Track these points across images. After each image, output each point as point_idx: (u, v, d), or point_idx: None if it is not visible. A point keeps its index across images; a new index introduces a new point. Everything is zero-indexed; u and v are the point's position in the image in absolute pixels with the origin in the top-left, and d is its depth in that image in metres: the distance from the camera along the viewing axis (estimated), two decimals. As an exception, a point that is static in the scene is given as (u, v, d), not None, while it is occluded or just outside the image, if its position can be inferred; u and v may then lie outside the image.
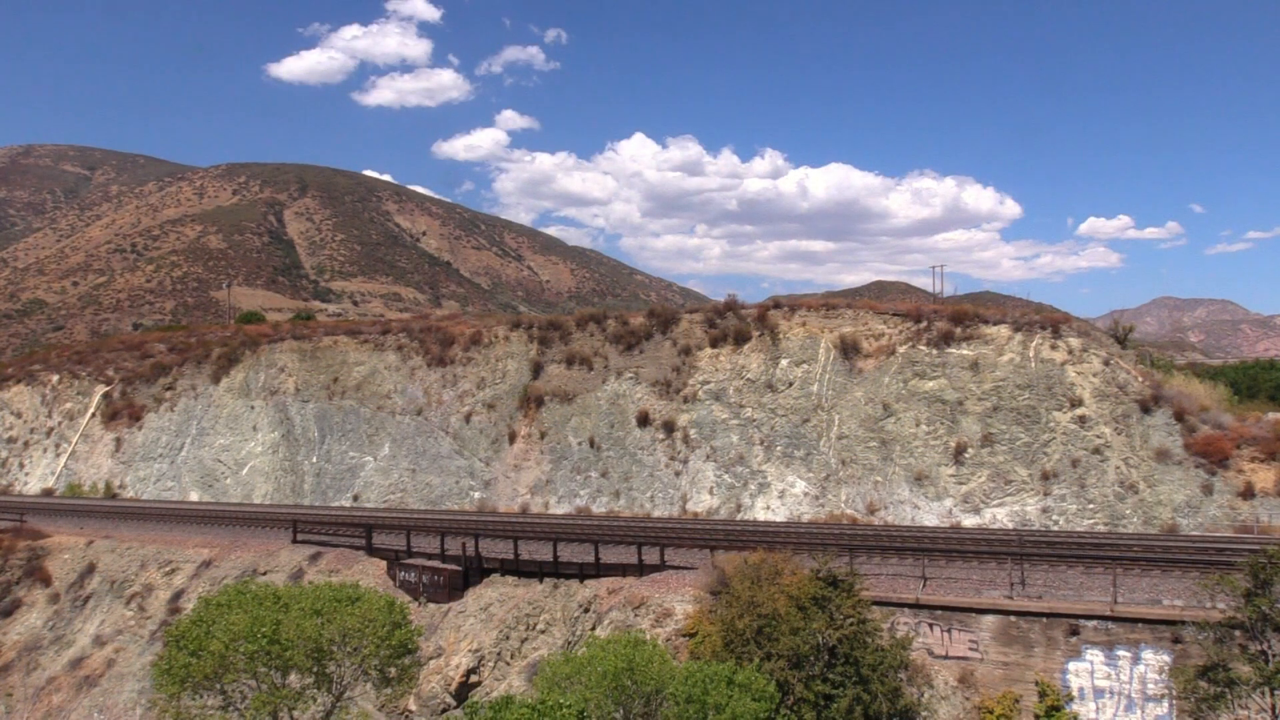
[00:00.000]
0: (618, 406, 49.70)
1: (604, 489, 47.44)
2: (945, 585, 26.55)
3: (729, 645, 22.96)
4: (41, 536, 47.33)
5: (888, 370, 44.26)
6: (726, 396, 47.17)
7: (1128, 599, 23.75)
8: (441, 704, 30.00)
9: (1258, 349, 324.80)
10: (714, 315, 50.51)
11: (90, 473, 66.20)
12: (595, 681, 19.04)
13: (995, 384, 41.66)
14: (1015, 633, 24.04)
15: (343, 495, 55.12)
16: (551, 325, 55.42)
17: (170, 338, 74.63)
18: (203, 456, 61.94)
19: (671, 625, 27.17)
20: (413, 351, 58.19)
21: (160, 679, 22.18)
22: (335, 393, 59.06)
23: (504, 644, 30.49)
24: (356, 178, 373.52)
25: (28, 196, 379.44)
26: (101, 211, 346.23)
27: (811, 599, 22.37)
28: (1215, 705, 19.15)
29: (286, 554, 39.20)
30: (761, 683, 19.99)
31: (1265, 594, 19.20)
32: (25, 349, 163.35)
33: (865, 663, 21.59)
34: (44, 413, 72.25)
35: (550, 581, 31.90)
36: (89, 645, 39.94)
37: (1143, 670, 22.46)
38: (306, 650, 21.79)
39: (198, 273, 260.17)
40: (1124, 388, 39.46)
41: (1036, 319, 44.03)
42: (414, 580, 34.57)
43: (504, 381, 54.10)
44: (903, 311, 46.80)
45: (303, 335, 64.34)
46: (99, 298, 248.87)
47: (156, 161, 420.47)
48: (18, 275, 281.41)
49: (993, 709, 22.99)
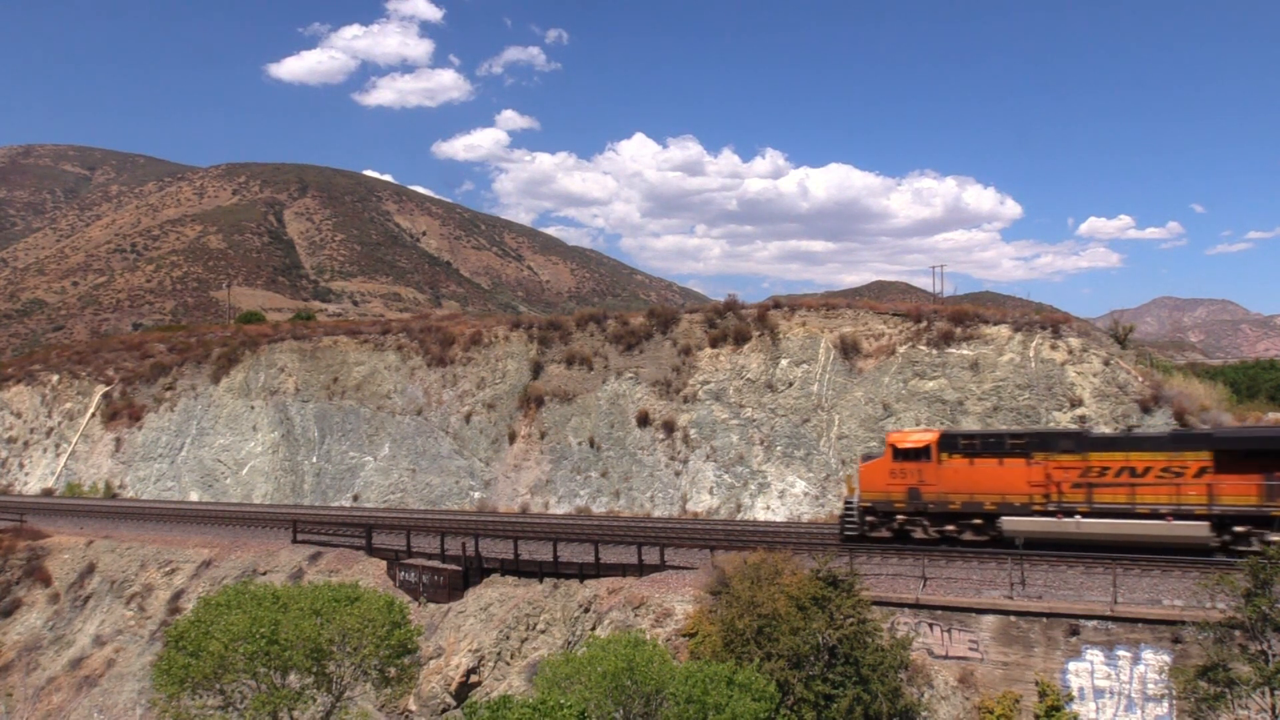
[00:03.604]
0: (618, 406, 49.69)
1: (604, 489, 47.44)
2: (945, 585, 26.56)
3: (729, 645, 22.95)
4: (41, 536, 47.33)
5: (888, 370, 44.25)
6: (726, 396, 47.17)
7: (1128, 599, 23.75)
8: (441, 704, 29.99)
9: (1258, 349, 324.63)
10: (714, 315, 50.50)
11: (90, 473, 66.19)
12: (595, 681, 19.04)
13: (995, 384, 41.65)
14: (1015, 633, 24.04)
15: (343, 495, 55.12)
16: (551, 325, 55.41)
17: (170, 338, 74.60)
18: (203, 456, 61.94)
19: (671, 625, 27.17)
20: (413, 351, 58.17)
21: (160, 679, 22.19)
22: (335, 393, 59.06)
23: (504, 644, 30.49)
24: (356, 178, 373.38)
25: (28, 196, 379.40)
26: (101, 211, 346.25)
27: (811, 599, 22.36)
28: (1215, 705, 19.14)
29: (286, 554, 39.20)
30: (761, 683, 19.98)
31: (1265, 594, 19.20)
32: (25, 349, 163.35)
33: (865, 663, 21.58)
34: (44, 413, 72.24)
35: (550, 581, 31.91)
36: (89, 645, 39.94)
37: (1143, 670, 22.45)
38: (306, 650, 21.79)
39: (198, 273, 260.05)
40: (1124, 388, 39.45)
41: (1036, 319, 44.02)
42: (414, 580, 34.57)
43: (504, 381, 54.09)
44: (903, 311, 46.79)
45: (303, 335, 64.32)
46: (99, 298, 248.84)
47: (156, 161, 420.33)
48: (18, 275, 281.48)
49: (993, 709, 22.98)
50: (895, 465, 32.63)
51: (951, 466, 31.70)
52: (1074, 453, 30.11)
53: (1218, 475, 27.97)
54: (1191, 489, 28.22)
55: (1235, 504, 27.65)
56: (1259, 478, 27.46)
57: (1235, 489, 27.68)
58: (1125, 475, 29.27)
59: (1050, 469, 30.16)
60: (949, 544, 31.49)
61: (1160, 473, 28.85)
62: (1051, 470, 30.12)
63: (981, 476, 31.20)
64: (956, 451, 31.80)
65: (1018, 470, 30.60)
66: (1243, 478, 27.66)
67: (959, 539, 31.57)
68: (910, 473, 32.27)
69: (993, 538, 30.86)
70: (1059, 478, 29.99)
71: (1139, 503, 28.90)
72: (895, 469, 32.63)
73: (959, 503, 31.52)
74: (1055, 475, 30.03)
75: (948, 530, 31.92)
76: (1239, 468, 27.79)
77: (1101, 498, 29.44)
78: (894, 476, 32.63)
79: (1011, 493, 30.64)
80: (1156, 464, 29.00)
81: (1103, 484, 29.46)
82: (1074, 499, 29.76)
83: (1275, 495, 27.08)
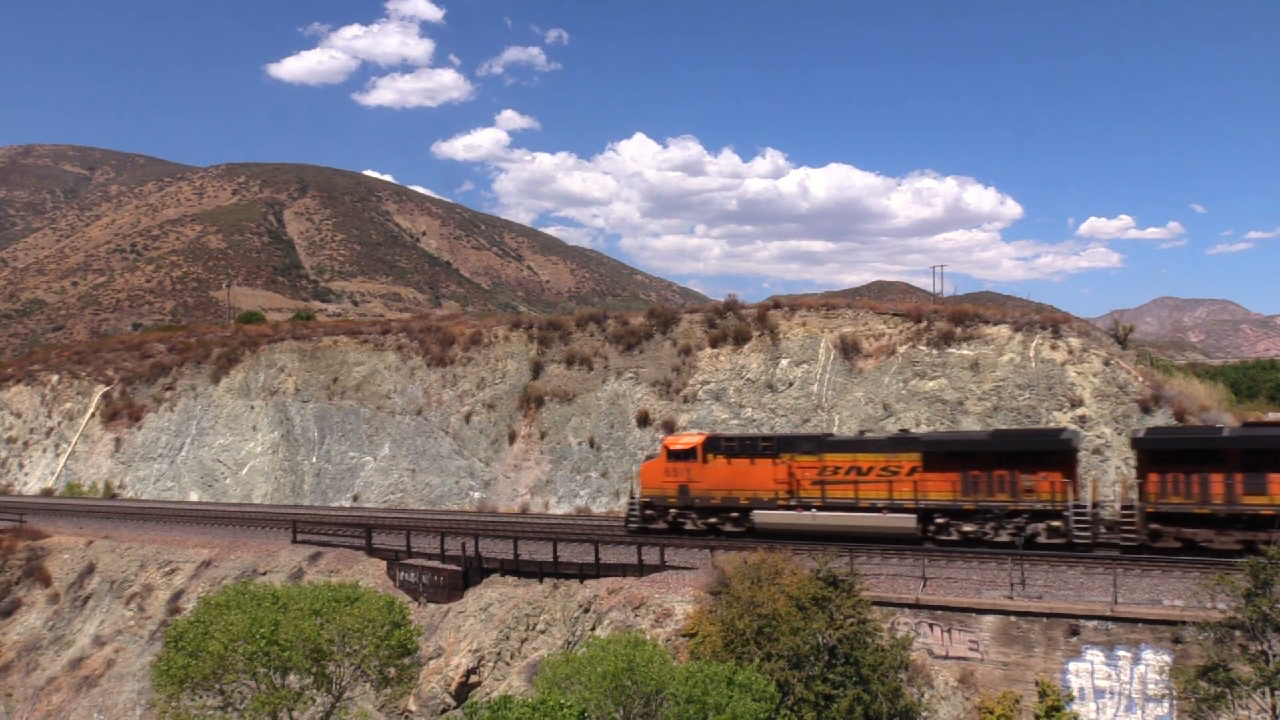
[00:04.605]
0: (618, 406, 49.69)
1: (604, 489, 47.43)
2: (945, 585, 26.54)
3: (729, 645, 22.93)
4: (41, 536, 47.31)
5: (888, 370, 44.24)
6: (726, 396, 47.16)
7: (1128, 599, 23.73)
8: (441, 704, 29.98)
9: (1258, 349, 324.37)
10: (714, 315, 50.49)
11: (90, 473, 66.19)
12: (595, 681, 19.02)
13: (995, 384, 41.64)
14: (1015, 633, 24.02)
15: (343, 495, 55.11)
16: (551, 325, 55.41)
17: (170, 338, 74.59)
18: (202, 456, 61.93)
19: (671, 625, 27.16)
20: (413, 351, 58.17)
21: (159, 680, 22.17)
22: (335, 393, 59.05)
23: (504, 644, 30.48)
24: (356, 178, 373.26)
25: (27, 196, 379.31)
26: (101, 211, 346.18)
27: (811, 599, 22.34)
28: (1215, 705, 19.12)
29: (286, 554, 39.19)
30: (761, 683, 19.96)
31: (1265, 594, 19.18)
32: (25, 349, 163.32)
33: (865, 663, 21.56)
34: (44, 413, 72.23)
35: (550, 581, 31.90)
36: (89, 645, 39.94)
37: (1143, 670, 22.43)
38: (306, 651, 21.77)
39: (198, 273, 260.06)
40: (1124, 388, 39.44)
41: (1037, 319, 44.02)
42: (414, 580, 34.56)
43: (504, 381, 54.09)
44: (903, 311, 46.78)
45: (303, 335, 64.32)
46: (99, 298, 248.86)
47: (156, 161, 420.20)
48: (18, 275, 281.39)
49: (993, 709, 22.96)
50: (669, 465, 36.20)
51: (714, 466, 35.28)
52: (813, 454, 33.69)
53: (925, 474, 31.59)
54: (903, 486, 31.86)
55: (937, 499, 31.41)
56: (956, 476, 31.11)
57: (937, 486, 31.40)
58: (853, 474, 32.86)
59: (793, 468, 33.82)
60: (714, 535, 34.97)
61: (880, 472, 32.34)
62: (794, 469, 33.76)
63: (737, 475, 34.80)
64: (719, 453, 35.31)
65: (766, 469, 34.21)
66: (944, 476, 31.28)
67: (721, 530, 35.12)
68: (680, 472, 35.87)
69: (747, 529, 34.38)
70: (800, 476, 33.65)
71: (862, 498, 32.58)
72: (669, 468, 36.20)
73: (719, 498, 35.21)
74: (797, 474, 33.70)
75: (711, 522, 35.46)
76: (941, 467, 31.38)
77: (833, 493, 33.09)
78: (667, 475, 36.21)
79: (761, 489, 34.27)
80: (878, 464, 32.55)
81: (834, 481, 33.07)
82: (811, 495, 33.39)
83: (968, 490, 31.01)
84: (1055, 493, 29.84)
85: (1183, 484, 28.34)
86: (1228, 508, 27.66)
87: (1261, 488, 27.28)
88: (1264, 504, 27.23)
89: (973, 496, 30.86)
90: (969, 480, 30.98)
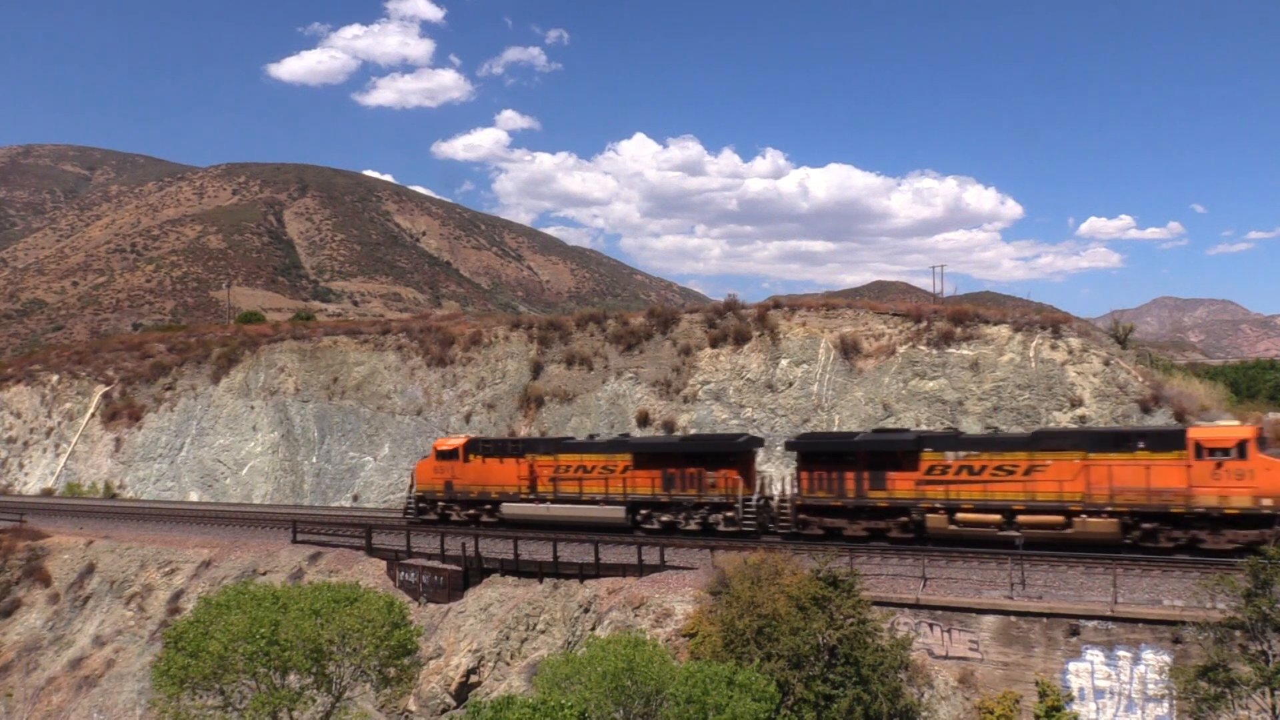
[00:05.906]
0: (618, 406, 49.67)
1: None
2: (945, 585, 26.54)
3: (729, 645, 22.93)
4: (41, 536, 47.29)
5: (888, 370, 44.24)
6: (727, 397, 47.15)
7: (1128, 599, 23.73)
8: (441, 704, 29.98)
9: (1258, 349, 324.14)
10: (714, 315, 50.49)
11: (90, 473, 66.17)
12: (595, 681, 19.02)
13: (995, 384, 41.64)
14: (1015, 633, 24.02)
15: (343, 495, 55.11)
16: (551, 325, 55.40)
17: (170, 338, 74.56)
18: (202, 456, 61.92)
19: (671, 625, 27.15)
20: (413, 351, 58.16)
21: (159, 680, 22.17)
22: (335, 393, 59.04)
23: (504, 644, 30.48)
24: (356, 178, 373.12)
25: (27, 196, 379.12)
26: (101, 211, 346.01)
27: (811, 599, 22.33)
28: (1215, 705, 19.11)
29: (286, 554, 39.19)
30: (762, 683, 19.96)
31: (1265, 594, 19.18)
32: (25, 349, 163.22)
33: (865, 663, 21.56)
34: (44, 413, 72.21)
35: (550, 581, 31.89)
36: (89, 645, 39.93)
37: (1143, 670, 22.43)
38: (305, 651, 21.76)
39: (198, 273, 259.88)
40: (1124, 388, 39.44)
41: (1037, 319, 44.02)
42: (414, 580, 34.56)
43: (504, 381, 54.08)
44: (903, 311, 46.78)
45: (303, 335, 64.31)
46: (99, 298, 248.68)
47: (156, 161, 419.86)
48: (18, 275, 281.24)
49: (993, 709, 22.96)
50: (438, 464, 40.98)
51: (473, 465, 40.10)
52: (550, 454, 38.55)
53: (634, 472, 36.71)
54: (616, 482, 36.94)
55: (643, 494, 36.51)
56: (658, 474, 36.19)
57: (643, 482, 36.52)
58: (579, 472, 37.84)
59: (534, 466, 38.81)
60: (475, 524, 39.34)
61: (601, 470, 37.37)
62: (535, 468, 38.80)
63: (491, 472, 39.71)
64: (478, 453, 40.13)
65: (512, 468, 39.18)
66: (648, 474, 36.40)
67: (479, 520, 39.66)
68: (447, 469, 40.70)
69: (499, 519, 39.13)
70: (539, 473, 38.69)
71: (585, 492, 37.60)
72: (438, 466, 40.97)
73: (476, 492, 40.07)
74: (537, 471, 38.73)
75: (471, 514, 40.13)
76: (647, 466, 36.49)
77: (564, 489, 38.04)
78: (436, 472, 41.05)
79: (508, 485, 39.23)
80: (599, 464, 37.49)
81: (565, 478, 38.06)
82: (547, 490, 38.43)
83: (667, 486, 36.11)
84: (730, 488, 35.01)
85: (824, 481, 33.11)
86: (857, 500, 32.58)
87: (882, 484, 32.16)
88: (883, 498, 32.13)
89: (669, 491, 36.00)
90: (667, 477, 36.05)
